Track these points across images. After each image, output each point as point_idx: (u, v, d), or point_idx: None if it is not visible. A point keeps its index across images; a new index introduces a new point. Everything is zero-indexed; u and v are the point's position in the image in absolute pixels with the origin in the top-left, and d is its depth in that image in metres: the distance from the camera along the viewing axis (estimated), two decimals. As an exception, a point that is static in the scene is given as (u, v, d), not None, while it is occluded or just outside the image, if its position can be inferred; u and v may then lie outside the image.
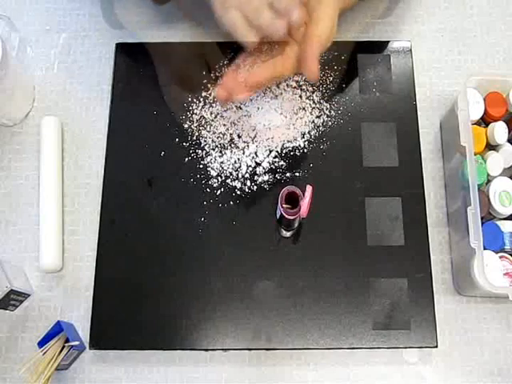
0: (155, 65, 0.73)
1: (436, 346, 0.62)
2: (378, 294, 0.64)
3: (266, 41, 0.61)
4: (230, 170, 0.69)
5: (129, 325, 0.63)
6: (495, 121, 0.66)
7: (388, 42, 0.74)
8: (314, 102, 0.72)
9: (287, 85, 0.72)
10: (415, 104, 0.71)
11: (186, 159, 0.69)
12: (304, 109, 0.71)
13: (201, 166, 0.69)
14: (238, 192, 0.68)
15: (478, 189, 0.61)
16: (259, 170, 0.69)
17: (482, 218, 0.61)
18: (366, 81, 0.72)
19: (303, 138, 0.70)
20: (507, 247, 0.63)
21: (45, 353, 0.61)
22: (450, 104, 0.72)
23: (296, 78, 0.72)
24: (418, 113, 0.71)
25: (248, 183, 0.68)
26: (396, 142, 0.70)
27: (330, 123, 0.71)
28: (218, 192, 0.68)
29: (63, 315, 0.66)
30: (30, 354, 0.63)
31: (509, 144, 0.66)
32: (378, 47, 0.74)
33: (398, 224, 0.67)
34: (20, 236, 0.69)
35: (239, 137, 0.70)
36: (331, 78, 0.73)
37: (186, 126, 0.71)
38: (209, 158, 0.69)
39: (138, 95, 0.72)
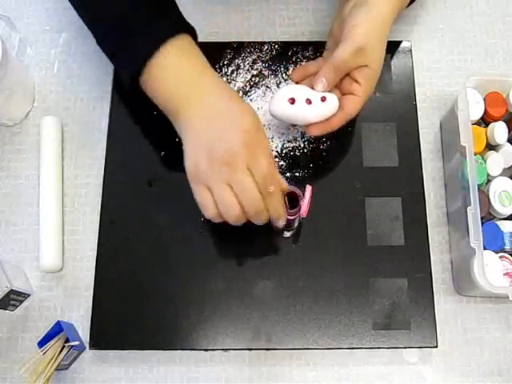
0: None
1: (436, 346, 0.62)
2: (378, 294, 0.64)
3: None
4: (230, 170, 0.69)
5: (129, 325, 0.63)
6: (495, 121, 0.66)
7: (388, 41, 0.74)
8: (314, 102, 0.72)
9: (287, 84, 0.72)
10: (415, 104, 0.71)
11: (186, 159, 0.69)
12: (304, 109, 0.71)
13: (201, 166, 0.69)
14: (238, 192, 0.68)
15: (478, 189, 0.61)
16: (259, 170, 0.69)
17: (482, 218, 0.61)
18: (366, 81, 0.72)
19: (303, 138, 0.70)
20: (507, 247, 0.63)
21: (45, 353, 0.61)
22: (450, 104, 0.72)
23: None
24: (418, 113, 0.71)
25: (248, 183, 0.68)
26: (396, 142, 0.70)
27: (330, 123, 0.71)
28: (218, 192, 0.68)
29: (63, 315, 0.66)
30: (30, 354, 0.63)
31: (509, 144, 0.66)
32: (378, 47, 0.74)
33: (398, 224, 0.67)
34: (20, 236, 0.69)
35: (239, 137, 0.70)
36: (331, 78, 0.72)
37: (186, 126, 0.71)
38: (209, 158, 0.69)
39: (138, 95, 0.72)
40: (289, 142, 0.70)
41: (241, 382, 0.64)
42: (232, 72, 0.73)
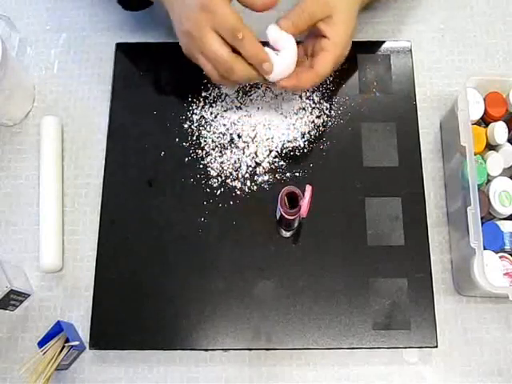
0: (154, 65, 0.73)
1: (436, 346, 0.62)
2: (378, 294, 0.64)
3: None
4: (230, 170, 0.69)
5: (129, 325, 0.63)
6: (495, 121, 0.66)
7: (388, 41, 0.74)
8: (313, 101, 0.72)
9: (287, 85, 0.72)
10: (415, 104, 0.71)
11: (186, 159, 0.69)
12: (304, 109, 0.71)
13: (201, 166, 0.69)
14: (238, 192, 0.68)
15: (478, 189, 0.61)
16: (259, 169, 0.69)
17: (482, 218, 0.61)
18: (366, 81, 0.72)
19: (303, 137, 0.70)
20: (507, 247, 0.63)
21: (45, 353, 0.61)
22: (450, 104, 0.72)
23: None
24: (418, 113, 0.71)
25: (248, 183, 0.68)
26: (396, 142, 0.70)
27: (329, 123, 0.71)
28: (218, 192, 0.68)
29: (63, 315, 0.66)
30: (30, 354, 0.63)
31: (509, 144, 0.66)
32: (378, 47, 0.74)
33: (398, 224, 0.67)
34: (20, 236, 0.69)
35: (239, 137, 0.70)
36: (331, 78, 0.72)
37: (185, 126, 0.71)
38: (209, 158, 0.69)
39: (137, 95, 0.72)
40: (289, 142, 0.70)
41: (241, 382, 0.64)
42: (232, 72, 0.73)
